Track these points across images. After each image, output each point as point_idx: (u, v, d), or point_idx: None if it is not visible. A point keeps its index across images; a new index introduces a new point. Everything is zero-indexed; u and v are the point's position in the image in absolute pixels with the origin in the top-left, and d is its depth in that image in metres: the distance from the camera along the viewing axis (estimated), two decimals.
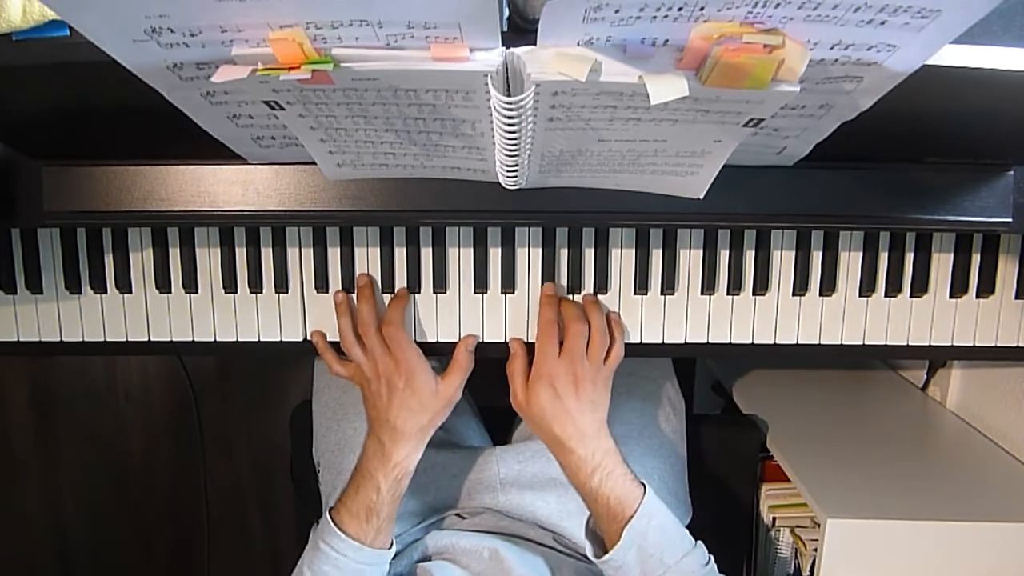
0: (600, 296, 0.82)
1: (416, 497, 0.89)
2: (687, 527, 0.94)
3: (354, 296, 0.81)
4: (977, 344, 0.84)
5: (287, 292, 0.82)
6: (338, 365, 0.81)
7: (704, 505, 1.00)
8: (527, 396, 0.77)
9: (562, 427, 0.74)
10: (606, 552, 0.71)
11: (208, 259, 0.82)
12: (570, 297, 0.82)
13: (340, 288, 0.82)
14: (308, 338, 0.83)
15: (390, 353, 0.77)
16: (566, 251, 0.81)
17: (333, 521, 0.75)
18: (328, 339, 0.83)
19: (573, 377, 0.75)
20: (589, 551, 0.73)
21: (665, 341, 0.83)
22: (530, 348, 0.80)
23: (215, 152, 0.63)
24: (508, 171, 0.62)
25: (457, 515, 0.89)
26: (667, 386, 1.01)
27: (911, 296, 0.83)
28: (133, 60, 0.47)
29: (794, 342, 0.84)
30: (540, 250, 0.81)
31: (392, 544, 0.77)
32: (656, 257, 0.82)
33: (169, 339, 0.83)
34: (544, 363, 0.76)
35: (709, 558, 0.74)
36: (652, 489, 0.73)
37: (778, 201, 0.70)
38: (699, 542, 0.74)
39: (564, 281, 0.82)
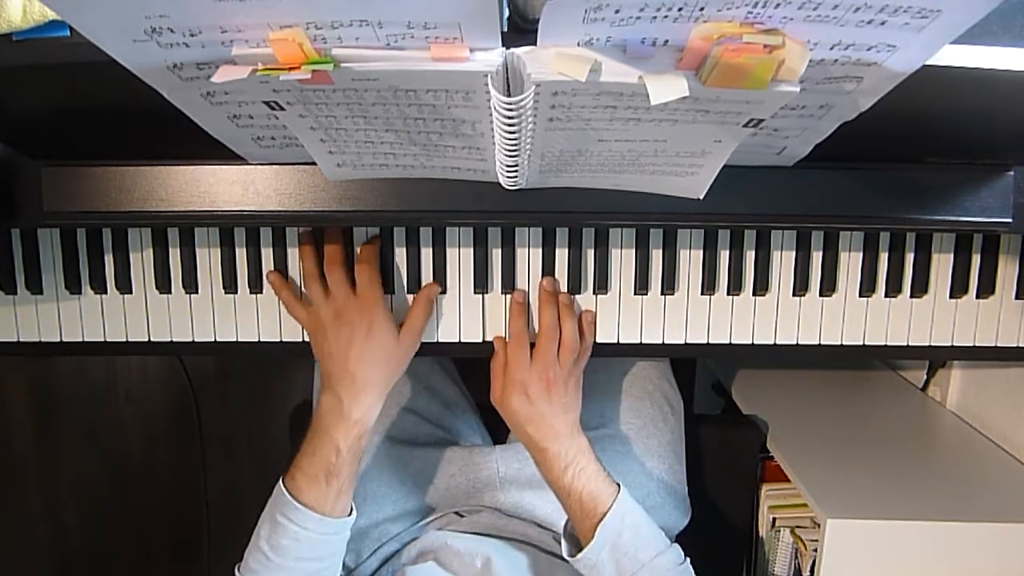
0: (600, 296, 0.82)
1: (415, 496, 0.89)
2: (686, 527, 0.95)
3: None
4: (977, 344, 0.84)
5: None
6: (298, 306, 0.77)
7: (704, 505, 1.00)
8: (502, 401, 0.77)
9: (536, 429, 0.75)
10: (581, 551, 0.71)
11: (208, 259, 0.82)
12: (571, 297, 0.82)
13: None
14: (306, 337, 0.82)
15: (355, 295, 0.74)
16: (566, 251, 0.81)
17: (288, 490, 0.71)
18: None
19: (545, 383, 0.76)
20: (564, 550, 0.73)
21: (665, 341, 0.83)
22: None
23: (215, 152, 0.63)
24: (508, 171, 0.62)
25: (456, 513, 0.88)
26: (665, 386, 1.01)
27: (911, 296, 0.83)
28: (133, 60, 0.47)
29: (794, 342, 0.84)
30: (540, 250, 0.81)
31: (352, 511, 0.75)
32: (656, 257, 0.82)
33: (169, 339, 0.83)
34: (517, 370, 0.76)
35: (684, 558, 0.74)
36: (626, 490, 0.73)
37: (778, 201, 0.70)
38: (674, 543, 0.74)
39: (564, 281, 0.82)
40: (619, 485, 0.74)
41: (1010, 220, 0.71)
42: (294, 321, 0.82)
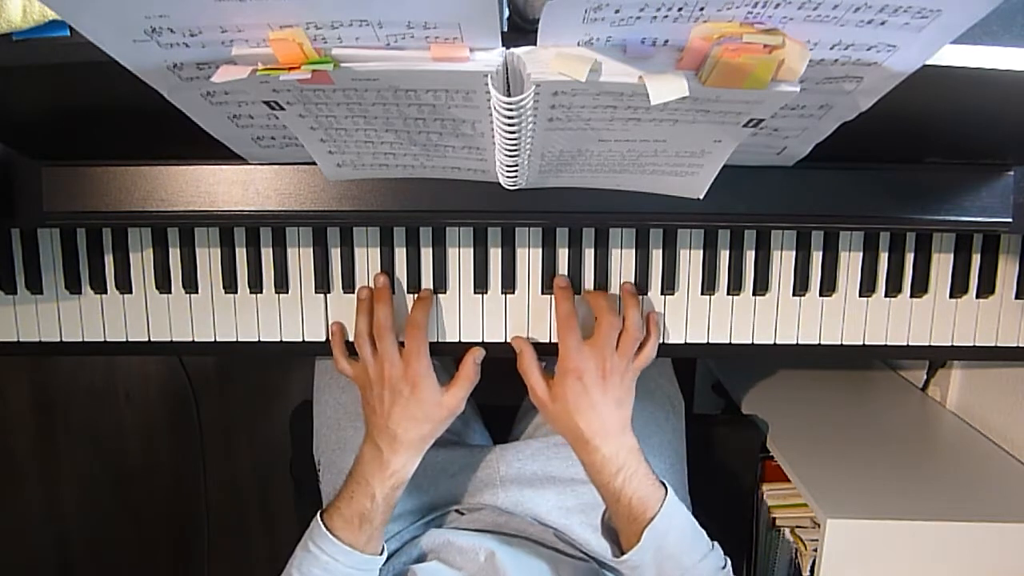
0: None
1: (416, 496, 0.89)
2: None
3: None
4: (977, 344, 0.84)
5: (287, 292, 0.82)
6: (345, 362, 0.80)
7: (704, 505, 1.00)
8: (551, 391, 0.75)
9: (587, 423, 0.73)
10: (623, 552, 0.71)
11: (208, 259, 0.82)
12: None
13: (341, 289, 0.82)
14: (306, 337, 0.82)
15: (401, 358, 0.76)
16: (566, 251, 0.81)
17: (325, 525, 0.74)
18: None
19: (602, 371, 0.74)
20: (608, 551, 0.73)
21: (665, 341, 0.83)
22: (538, 347, 0.80)
23: (215, 152, 0.63)
24: (508, 171, 0.62)
25: (457, 511, 0.89)
26: (666, 385, 1.01)
27: (911, 296, 0.83)
28: (133, 60, 0.47)
29: (794, 342, 0.84)
30: (540, 250, 0.81)
31: (383, 551, 0.76)
32: (656, 257, 0.82)
33: (169, 339, 0.83)
34: (570, 356, 0.74)
35: (726, 561, 0.73)
36: (672, 491, 0.73)
37: (778, 201, 0.70)
38: (715, 543, 0.74)
39: None
40: (666, 486, 0.73)
41: (1010, 220, 0.71)
42: (294, 321, 0.82)
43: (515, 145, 0.56)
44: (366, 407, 0.78)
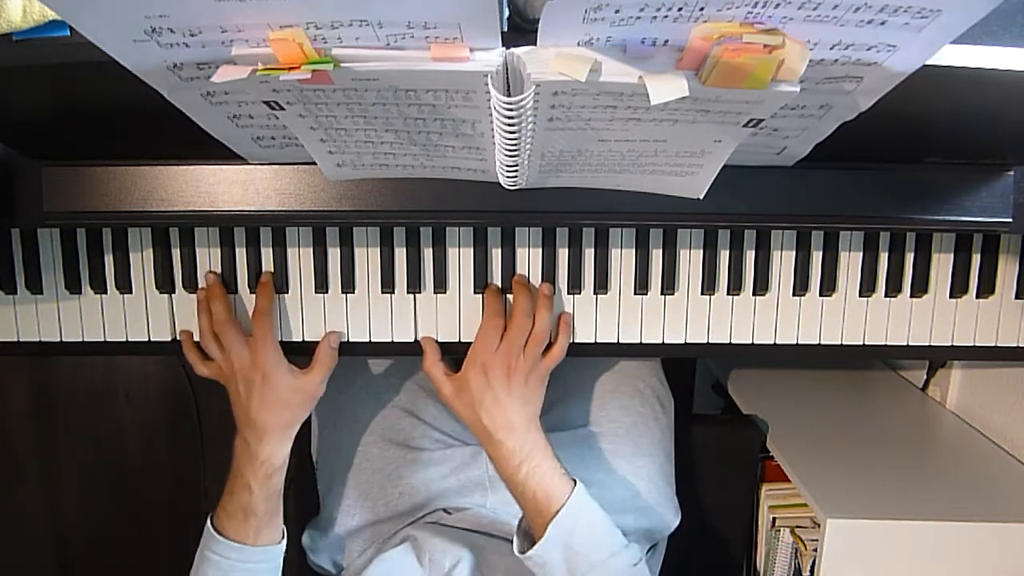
0: (600, 296, 0.82)
1: (407, 497, 0.89)
2: (686, 527, 0.95)
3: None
4: (977, 344, 0.84)
5: (287, 292, 0.82)
6: (201, 365, 0.80)
7: (704, 505, 1.00)
8: (455, 385, 0.77)
9: (491, 417, 0.74)
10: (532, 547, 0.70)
11: (208, 259, 0.82)
12: (568, 298, 0.82)
13: (340, 288, 0.82)
14: (305, 337, 0.82)
15: (247, 349, 0.77)
16: (566, 251, 0.81)
17: (213, 526, 0.76)
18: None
19: (507, 368, 0.75)
20: (516, 546, 0.73)
21: (665, 341, 0.83)
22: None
23: (215, 152, 0.63)
24: (508, 171, 0.62)
25: (444, 511, 0.89)
26: (656, 384, 1.01)
27: (911, 296, 0.83)
28: (133, 60, 0.47)
29: (794, 342, 0.84)
30: (540, 250, 0.81)
31: (282, 537, 0.78)
32: (656, 257, 0.82)
33: (169, 339, 0.83)
34: (481, 352, 0.76)
35: (640, 559, 0.74)
36: (583, 486, 0.73)
37: (778, 201, 0.70)
38: (632, 543, 0.74)
39: (564, 281, 0.82)
40: (575, 482, 0.73)
41: (1010, 220, 0.71)
42: (292, 321, 0.82)
43: (515, 145, 0.56)
44: (231, 402, 0.79)
